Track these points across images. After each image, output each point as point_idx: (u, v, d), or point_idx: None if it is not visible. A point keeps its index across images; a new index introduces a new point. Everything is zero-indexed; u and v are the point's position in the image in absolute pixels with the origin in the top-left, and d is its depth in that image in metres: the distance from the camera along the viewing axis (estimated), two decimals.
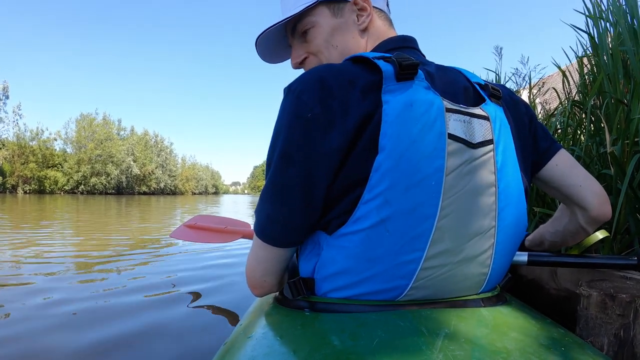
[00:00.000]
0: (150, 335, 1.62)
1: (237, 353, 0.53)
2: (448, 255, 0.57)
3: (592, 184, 0.77)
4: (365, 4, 0.75)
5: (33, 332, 1.63)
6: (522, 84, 2.66)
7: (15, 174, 48.36)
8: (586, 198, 0.76)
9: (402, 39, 0.75)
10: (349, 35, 0.76)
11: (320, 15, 0.76)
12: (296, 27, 0.80)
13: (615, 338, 0.72)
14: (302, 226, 0.61)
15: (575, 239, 0.87)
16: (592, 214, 0.77)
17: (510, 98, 0.74)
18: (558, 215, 0.88)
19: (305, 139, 0.56)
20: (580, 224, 0.80)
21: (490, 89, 0.68)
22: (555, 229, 0.88)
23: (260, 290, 0.70)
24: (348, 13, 0.76)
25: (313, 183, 0.57)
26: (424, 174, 0.54)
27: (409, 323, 0.51)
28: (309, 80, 0.58)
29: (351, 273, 0.58)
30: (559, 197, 0.82)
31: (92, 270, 2.90)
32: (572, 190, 0.76)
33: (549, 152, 0.76)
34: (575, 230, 0.83)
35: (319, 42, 0.78)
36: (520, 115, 0.73)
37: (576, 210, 0.79)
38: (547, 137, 0.77)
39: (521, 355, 0.45)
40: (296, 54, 0.82)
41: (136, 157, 64.07)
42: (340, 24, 0.76)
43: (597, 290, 0.75)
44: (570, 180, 0.76)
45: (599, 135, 1.56)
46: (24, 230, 5.50)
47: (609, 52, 1.57)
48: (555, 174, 0.76)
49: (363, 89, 0.57)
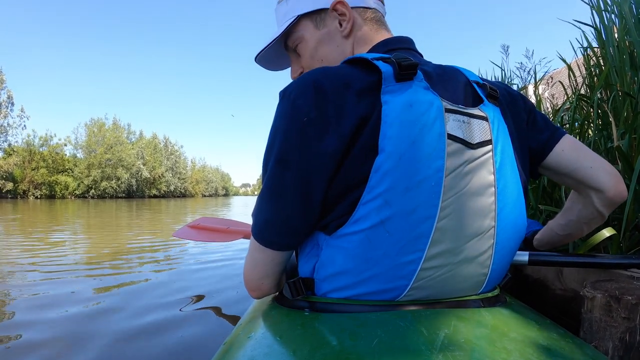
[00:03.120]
0: (150, 335, 1.64)
1: (236, 353, 0.53)
2: (448, 256, 0.57)
3: (604, 164, 0.75)
4: (344, 8, 0.75)
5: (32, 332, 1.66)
6: (527, 78, 2.63)
7: (26, 180, 49.05)
8: (600, 178, 0.73)
9: (399, 39, 0.75)
10: (334, 45, 0.77)
11: (305, 30, 0.78)
12: (287, 42, 0.83)
13: (620, 342, 0.69)
14: (300, 229, 0.61)
15: (591, 226, 0.84)
16: (608, 194, 0.74)
17: (508, 94, 0.73)
18: (569, 205, 0.85)
19: (301, 143, 0.56)
20: (596, 207, 0.77)
21: (488, 89, 0.67)
22: (568, 220, 0.86)
23: (258, 292, 0.70)
24: (330, 21, 0.76)
25: (310, 187, 0.57)
26: (424, 174, 0.54)
27: (408, 323, 0.51)
28: (303, 85, 0.59)
29: (351, 273, 0.58)
30: (570, 184, 0.80)
31: (93, 270, 2.95)
32: (584, 172, 0.74)
33: (552, 139, 0.75)
34: (592, 216, 0.80)
35: (306, 59, 0.80)
36: (519, 112, 0.73)
37: (591, 193, 0.76)
38: (548, 125, 0.76)
39: (521, 356, 0.44)
40: (293, 69, 0.85)
41: (146, 161, 64.60)
42: (324, 35, 0.77)
43: (601, 292, 0.72)
44: (579, 163, 0.74)
45: (606, 130, 1.53)
46: (34, 234, 5.58)
47: (614, 44, 1.55)
48: (563, 160, 0.75)
49: (359, 91, 0.57)
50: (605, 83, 1.57)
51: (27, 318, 1.86)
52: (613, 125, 1.31)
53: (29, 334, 1.66)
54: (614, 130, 1.30)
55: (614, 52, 1.55)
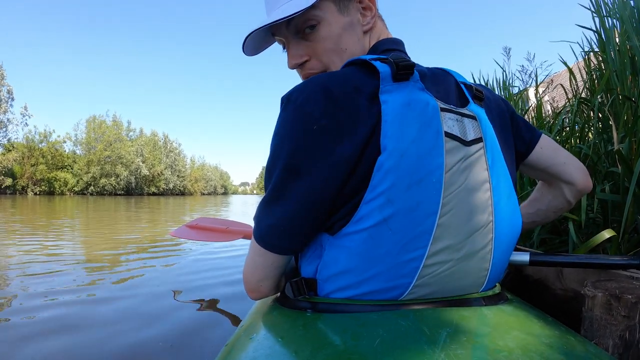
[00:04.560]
0: (151, 336, 1.63)
1: (238, 354, 0.53)
2: (450, 252, 0.58)
3: (574, 161, 0.88)
4: (371, 3, 0.73)
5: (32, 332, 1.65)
6: (528, 81, 2.63)
7: (25, 176, 48.95)
8: (572, 173, 0.87)
9: (394, 41, 0.76)
10: (355, 37, 0.72)
11: (327, 11, 0.70)
12: (293, 21, 0.71)
13: (620, 340, 0.70)
14: (305, 235, 0.61)
15: (558, 214, 0.98)
16: (578, 187, 0.89)
17: (492, 97, 0.77)
18: (537, 195, 0.99)
19: (313, 151, 0.56)
20: (566, 198, 0.92)
21: (474, 90, 0.70)
22: (537, 209, 0.98)
23: (256, 294, 0.70)
24: (353, 11, 0.72)
25: (321, 195, 0.57)
26: (425, 171, 0.55)
27: (410, 322, 0.51)
28: (310, 90, 0.57)
29: (354, 272, 0.58)
30: (544, 178, 0.93)
31: (94, 271, 2.93)
32: (558, 168, 0.86)
33: (534, 139, 0.83)
34: (561, 205, 0.94)
35: (328, 46, 0.71)
36: (502, 112, 0.76)
37: (562, 186, 0.90)
38: (529, 127, 0.84)
39: (523, 353, 0.45)
40: (296, 54, 0.73)
41: (145, 158, 64.50)
42: (347, 23, 0.71)
43: (602, 291, 0.73)
44: (555, 159, 0.86)
45: (606, 133, 1.54)
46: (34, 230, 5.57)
47: (615, 49, 1.55)
48: (542, 157, 0.84)
49: (370, 95, 0.57)
50: (605, 87, 1.58)
51: (25, 316, 1.85)
52: (614, 129, 1.32)
53: (27, 330, 1.66)
54: (614, 133, 1.31)
55: (614, 56, 1.56)
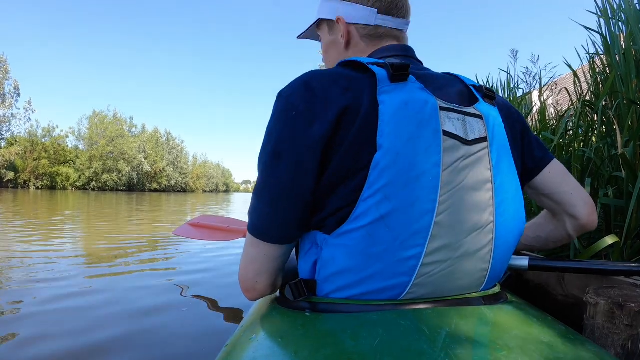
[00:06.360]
0: (151, 337, 1.63)
1: (238, 355, 0.53)
2: (448, 251, 0.58)
3: (582, 193, 0.80)
4: (340, 24, 0.81)
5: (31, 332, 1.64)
6: (532, 84, 2.62)
7: (27, 170, 49.10)
8: (577, 206, 0.79)
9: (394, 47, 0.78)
10: (336, 53, 0.85)
11: (322, 31, 0.88)
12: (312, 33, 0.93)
13: (622, 350, 0.69)
14: (293, 221, 0.62)
15: (557, 245, 0.91)
16: (581, 222, 0.81)
17: (504, 105, 0.77)
18: (540, 221, 0.91)
19: (291, 134, 0.60)
20: (567, 231, 0.84)
21: (484, 90, 0.71)
22: (537, 235, 0.92)
23: (253, 293, 0.70)
24: (337, 31, 0.83)
25: (301, 174, 0.59)
26: (422, 169, 0.56)
27: (410, 322, 0.51)
28: (296, 85, 0.63)
29: (353, 271, 0.58)
30: (548, 205, 0.84)
31: (94, 269, 2.93)
32: (564, 197, 0.80)
33: (544, 160, 0.79)
34: (561, 238, 0.87)
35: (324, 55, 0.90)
36: (514, 121, 0.76)
37: (565, 218, 0.82)
38: (541, 146, 0.80)
39: (523, 352, 0.45)
40: None
41: (147, 155, 64.60)
42: (332, 41, 0.85)
43: (604, 299, 0.72)
44: (562, 187, 0.79)
45: (610, 137, 1.53)
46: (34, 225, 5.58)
47: (621, 52, 1.54)
48: (549, 181, 0.79)
49: (345, 85, 0.61)
50: (610, 90, 1.57)
51: (24, 316, 1.85)
52: (618, 133, 1.31)
53: (25, 328, 1.67)
54: (618, 137, 1.30)
55: (620, 59, 1.55)
